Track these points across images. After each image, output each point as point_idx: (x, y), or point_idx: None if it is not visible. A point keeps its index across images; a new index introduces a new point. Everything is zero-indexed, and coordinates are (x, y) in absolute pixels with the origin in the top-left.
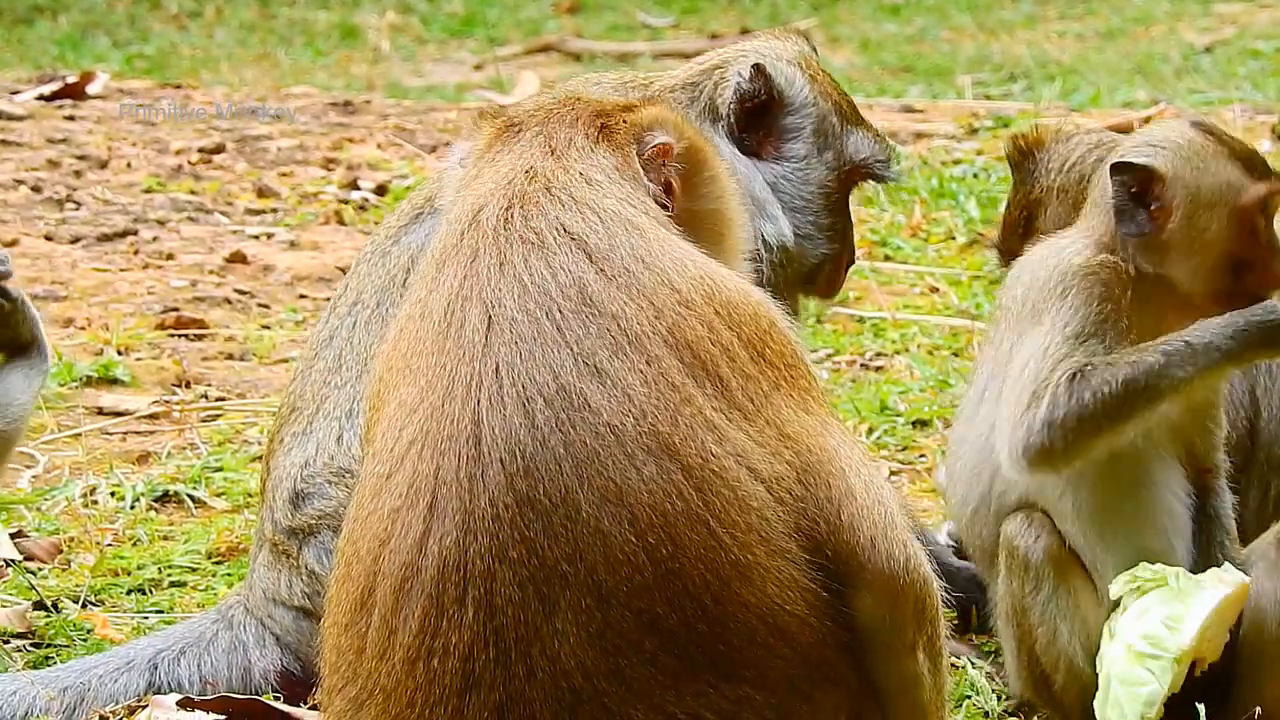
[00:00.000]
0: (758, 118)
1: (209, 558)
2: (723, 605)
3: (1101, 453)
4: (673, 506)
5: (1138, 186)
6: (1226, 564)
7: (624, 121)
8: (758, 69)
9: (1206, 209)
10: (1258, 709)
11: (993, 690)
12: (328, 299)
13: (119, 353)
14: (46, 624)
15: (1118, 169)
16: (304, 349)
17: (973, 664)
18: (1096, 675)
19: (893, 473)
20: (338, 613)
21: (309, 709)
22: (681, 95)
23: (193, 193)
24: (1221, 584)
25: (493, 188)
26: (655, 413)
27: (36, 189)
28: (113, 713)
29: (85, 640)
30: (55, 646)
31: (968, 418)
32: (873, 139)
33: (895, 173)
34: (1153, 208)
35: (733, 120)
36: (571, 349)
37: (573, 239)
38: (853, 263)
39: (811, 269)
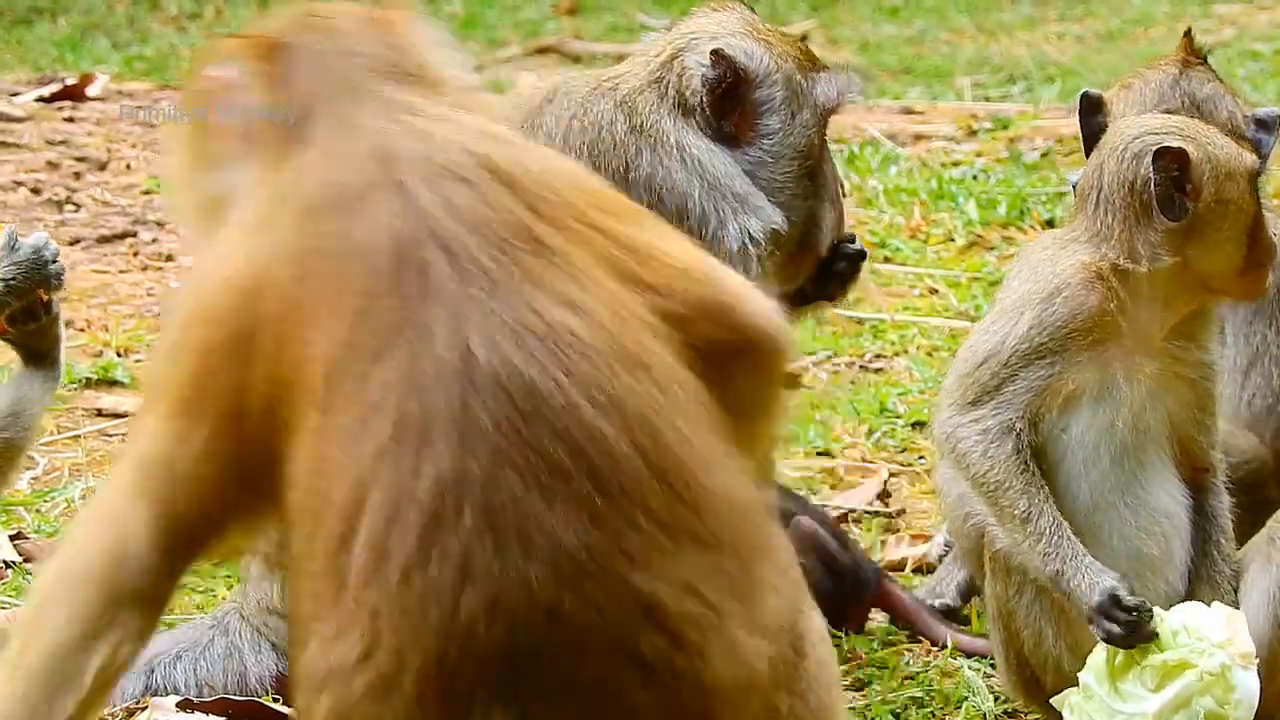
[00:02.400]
0: (729, 100)
1: (209, 559)
2: (694, 490)
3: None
4: (651, 409)
5: (1177, 170)
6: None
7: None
8: (717, 54)
9: (1228, 179)
10: None
11: (990, 691)
12: None
13: (118, 354)
14: None
15: (1159, 156)
16: None
17: (971, 666)
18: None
19: (892, 474)
20: (309, 563)
21: None
22: (651, 94)
23: None
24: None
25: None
26: (621, 332)
27: (36, 190)
28: (111, 714)
29: None
30: None
31: None
32: (834, 76)
33: (866, 92)
34: (1186, 189)
35: (708, 112)
36: (542, 288)
37: (492, 172)
38: (845, 194)
39: (803, 233)
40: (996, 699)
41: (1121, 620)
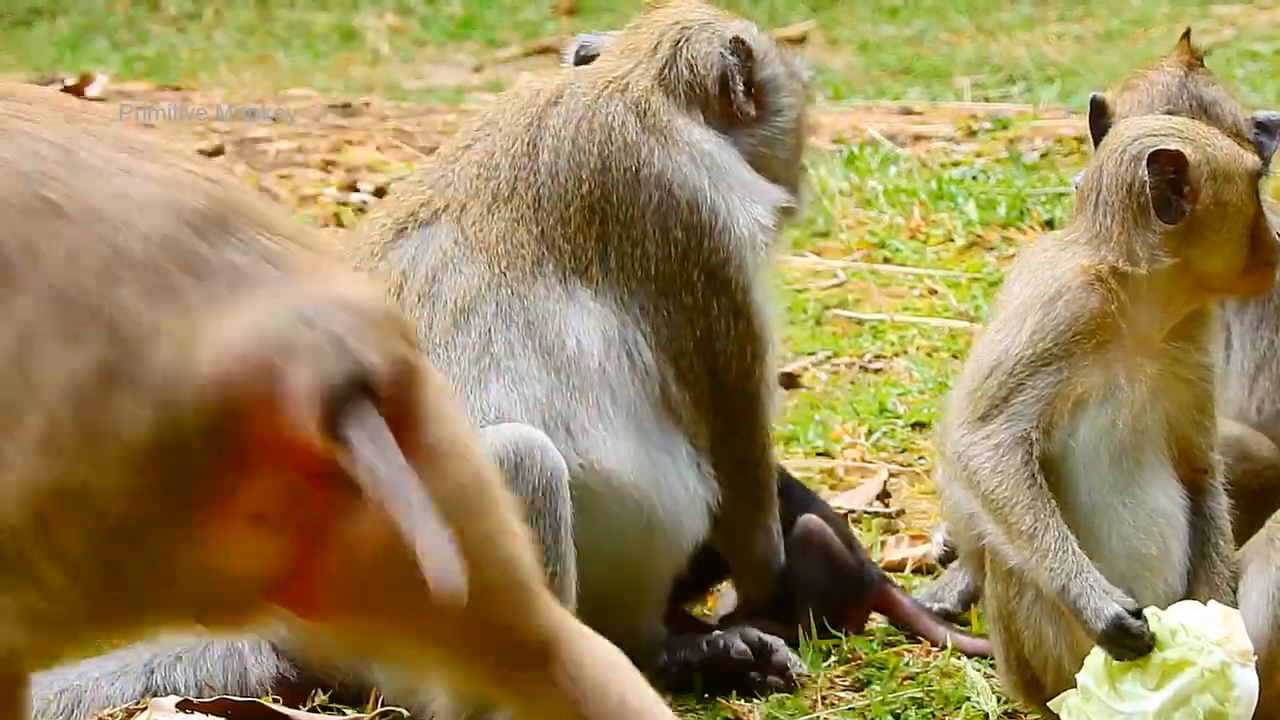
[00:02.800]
0: (749, 83)
1: None
2: None
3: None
4: None
5: (1174, 172)
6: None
7: None
8: (739, 41)
9: (1227, 181)
10: None
11: (992, 692)
12: None
13: None
14: None
15: (1155, 158)
16: None
17: (974, 667)
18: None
19: (892, 475)
20: None
21: (308, 712)
22: (660, 92)
23: None
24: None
25: None
26: None
27: None
28: (111, 715)
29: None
30: None
31: None
32: (796, 54)
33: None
34: (1184, 191)
35: (739, 98)
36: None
37: None
38: None
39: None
40: (999, 699)
41: (1127, 645)
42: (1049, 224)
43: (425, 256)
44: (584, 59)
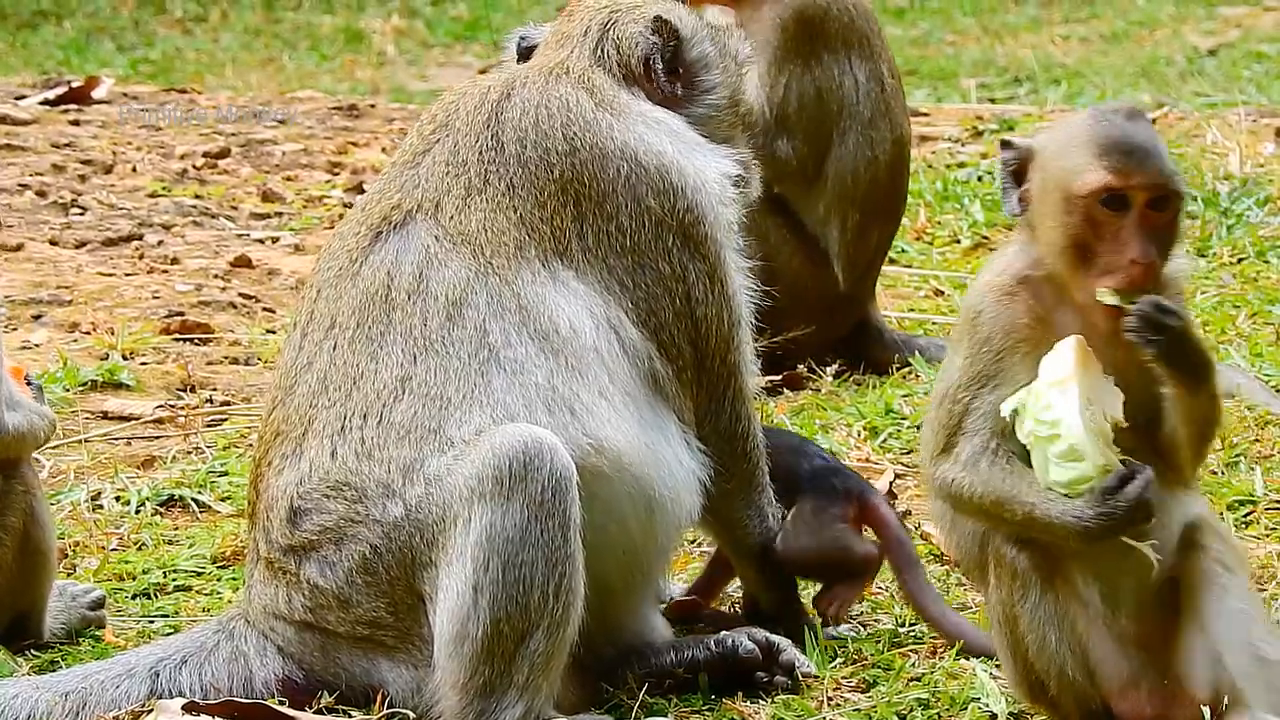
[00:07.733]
0: (674, 62)
1: (214, 562)
2: None
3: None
4: None
5: (1017, 165)
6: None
7: None
8: (660, 20)
9: (1045, 193)
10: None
11: (1000, 692)
12: None
13: (124, 357)
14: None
15: (1004, 145)
16: (276, 377)
17: (982, 668)
18: (1090, 681)
19: (898, 476)
20: None
21: (314, 714)
22: (599, 70)
23: (198, 197)
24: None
25: None
26: None
27: (42, 193)
28: (116, 718)
29: (94, 647)
30: (61, 650)
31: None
32: (737, 31)
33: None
34: (1023, 189)
35: (660, 77)
36: None
37: None
38: None
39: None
40: (1007, 700)
41: (1125, 511)
42: None
43: (408, 255)
44: (525, 51)
